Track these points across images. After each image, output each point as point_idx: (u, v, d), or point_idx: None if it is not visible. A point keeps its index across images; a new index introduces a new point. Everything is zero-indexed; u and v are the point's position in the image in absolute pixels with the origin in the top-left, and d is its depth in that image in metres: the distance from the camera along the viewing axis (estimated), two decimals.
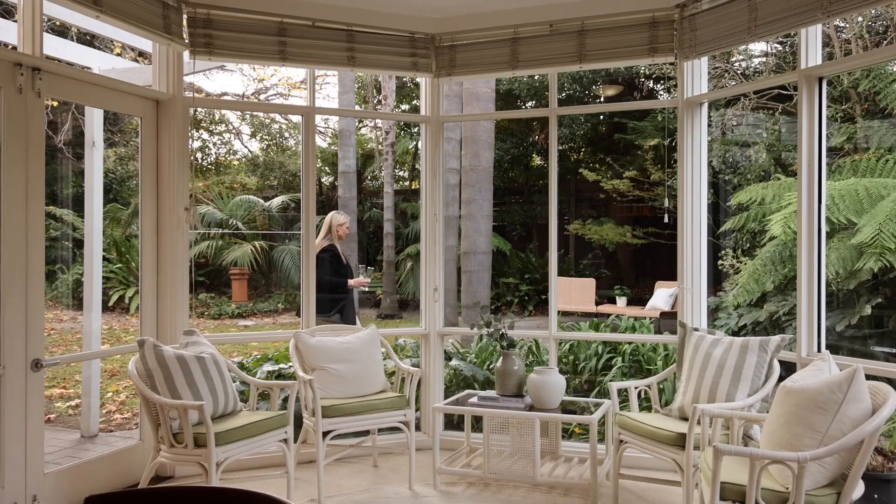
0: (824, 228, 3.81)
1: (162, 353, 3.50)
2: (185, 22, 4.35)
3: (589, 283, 12.17)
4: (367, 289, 7.99)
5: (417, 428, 5.16)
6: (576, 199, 15.83)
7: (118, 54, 6.94)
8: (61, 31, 6.54)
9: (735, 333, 8.14)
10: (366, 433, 4.69)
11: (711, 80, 8.67)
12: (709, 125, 9.52)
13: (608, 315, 11.89)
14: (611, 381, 5.38)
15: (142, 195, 4.36)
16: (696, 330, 3.99)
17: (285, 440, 3.77)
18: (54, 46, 5.49)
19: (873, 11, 8.29)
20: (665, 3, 4.42)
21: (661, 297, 10.81)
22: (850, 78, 8.05)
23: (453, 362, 5.43)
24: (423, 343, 5.14)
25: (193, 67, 4.47)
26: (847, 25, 8.45)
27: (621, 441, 3.78)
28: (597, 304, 12.09)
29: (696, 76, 4.54)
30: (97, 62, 5.44)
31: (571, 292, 12.16)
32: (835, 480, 2.69)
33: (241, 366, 5.31)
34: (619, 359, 5.50)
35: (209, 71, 15.30)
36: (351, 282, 5.84)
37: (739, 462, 2.90)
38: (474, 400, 4.28)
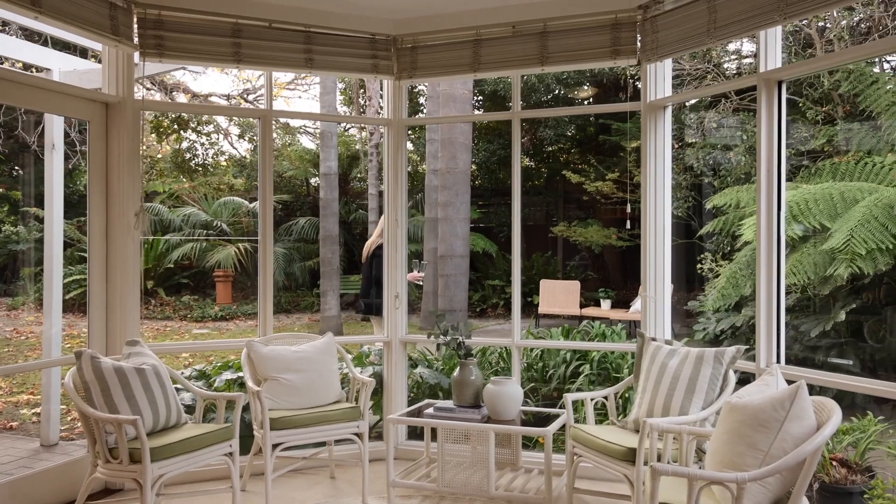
0: (784, 236, 3.72)
1: (99, 365, 3.40)
2: (135, 23, 4.25)
3: (573, 286, 12.04)
4: (420, 283, 7.99)
5: (381, 437, 5.07)
6: (564, 200, 15.74)
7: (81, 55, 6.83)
8: (28, 33, 6.44)
9: (715, 338, 8.06)
10: (323, 443, 4.59)
11: (694, 80, 8.59)
12: (689, 127, 9.48)
13: (592, 318, 11.84)
14: (578, 389, 5.28)
15: (90, 200, 4.25)
16: (653, 340, 3.89)
17: (230, 454, 3.66)
18: (13, 48, 5.40)
19: (856, 16, 8.21)
20: (627, 4, 4.32)
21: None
22: (830, 80, 7.96)
23: (418, 370, 5.33)
24: (385, 351, 5.03)
25: (143, 71, 4.36)
26: (829, 26, 8.37)
27: (575, 454, 3.68)
28: (582, 306, 11.98)
29: (660, 79, 4.45)
30: (59, 63, 5.34)
31: (556, 295, 12.04)
32: (778, 500, 2.60)
33: (203, 374, 5.20)
34: (588, 366, 5.40)
35: (193, 72, 15.23)
36: (407, 276, 5.88)
37: (682, 481, 2.80)
38: (430, 411, 4.18)
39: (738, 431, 2.63)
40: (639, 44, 4.33)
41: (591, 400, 3.89)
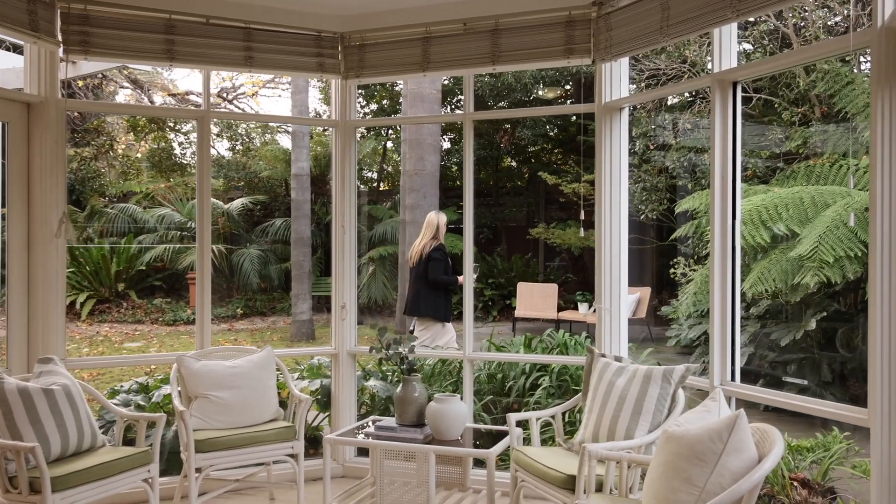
0: (738, 245, 3.51)
1: (2, 386, 3.15)
2: (58, 18, 4.00)
3: (551, 289, 11.84)
4: (473, 285, 7.99)
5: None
6: (545, 201, 15.53)
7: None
8: None
9: (687, 345, 7.86)
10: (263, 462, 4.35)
11: (670, 80, 8.38)
12: (664, 129, 9.28)
13: (570, 322, 11.63)
14: (536, 402, 5.06)
15: (9, 206, 4.00)
16: (602, 356, 3.67)
17: (148, 480, 3.43)
18: None
19: (836, 16, 8.02)
20: (581, 0, 4.10)
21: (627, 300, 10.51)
22: (806, 80, 7.77)
23: (370, 382, 5.10)
24: (333, 364, 4.80)
25: (66, 70, 4.11)
26: (804, 25, 8.18)
27: (518, 478, 3.46)
28: (561, 309, 11.78)
29: (616, 79, 4.23)
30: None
31: (534, 298, 11.84)
32: None
33: (143, 387, 4.95)
34: (548, 378, 5.18)
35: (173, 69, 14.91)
36: (460, 279, 5.76)
37: None
38: (371, 429, 3.95)
39: (673, 464, 2.41)
40: (592, 42, 4.11)
41: (537, 420, 3.67)
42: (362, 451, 4.88)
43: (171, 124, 16.73)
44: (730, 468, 2.31)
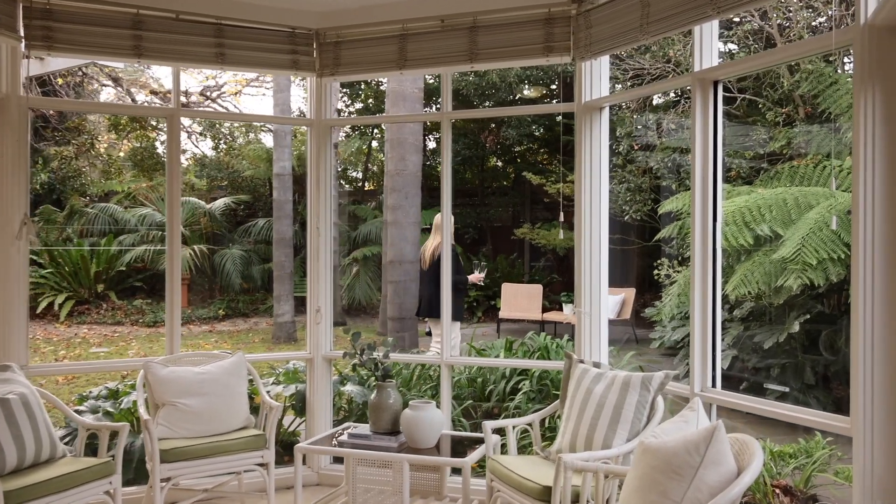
0: (720, 248, 3.43)
1: None
2: (20, 13, 3.86)
3: (536, 290, 11.76)
4: (482, 283, 7.98)
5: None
6: (531, 201, 15.45)
7: None
8: None
9: (672, 347, 7.80)
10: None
11: (654, 79, 8.32)
12: (649, 129, 9.21)
13: (554, 323, 11.56)
14: (516, 407, 4.97)
15: None
16: (581, 362, 3.58)
17: (110, 492, 3.30)
18: None
19: (821, 17, 7.98)
20: None
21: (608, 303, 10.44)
22: (790, 80, 7.73)
23: (347, 387, 4.99)
24: (308, 368, 4.69)
25: (28, 67, 3.97)
26: (789, 26, 8.13)
27: (494, 488, 3.37)
28: (546, 310, 11.71)
29: (596, 78, 4.14)
30: None
31: (518, 299, 11.76)
32: None
33: (113, 393, 4.81)
34: (528, 382, 5.09)
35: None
36: (470, 278, 5.69)
37: None
38: (344, 437, 3.84)
39: (650, 477, 2.32)
40: (571, 40, 4.02)
41: (514, 428, 3.57)
42: (339, 458, 4.77)
43: (154, 123, 16.51)
44: (707, 482, 2.22)
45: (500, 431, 3.72)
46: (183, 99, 15.99)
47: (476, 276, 6.25)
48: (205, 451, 3.61)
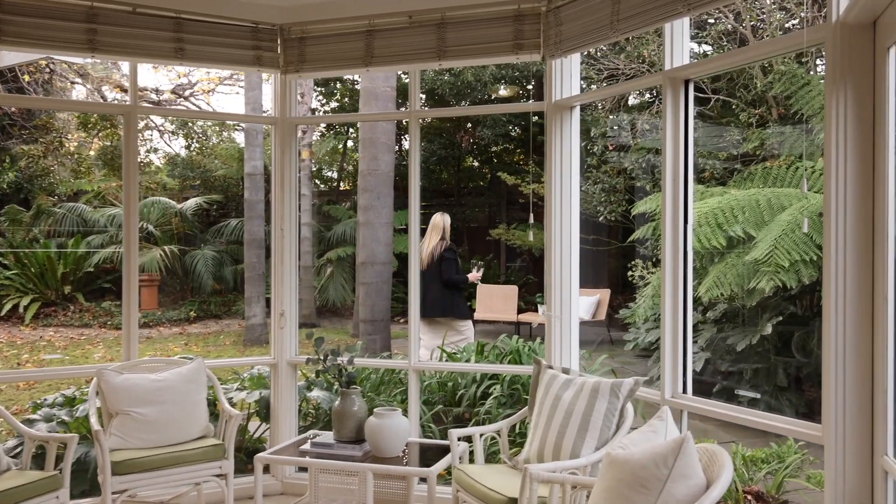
0: (691, 251, 3.35)
1: None
2: None
3: (511, 291, 11.68)
4: (479, 282, 7.90)
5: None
6: (507, 201, 15.38)
7: None
8: None
9: (646, 349, 7.75)
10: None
11: (629, 79, 8.27)
12: (623, 129, 9.18)
13: (529, 324, 11.49)
14: (486, 412, 4.87)
15: None
16: (550, 368, 3.49)
17: None
18: None
19: (794, 19, 7.99)
20: None
21: (582, 304, 10.41)
22: (763, 81, 7.72)
23: (314, 393, 4.85)
24: (272, 374, 4.55)
25: None
26: (763, 27, 8.14)
27: (459, 499, 3.26)
28: (521, 311, 11.64)
29: (567, 77, 4.05)
30: None
31: (494, 300, 11.66)
32: None
33: (69, 400, 4.63)
34: (499, 387, 4.99)
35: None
36: (470, 277, 5.66)
37: None
38: (307, 446, 3.71)
39: (616, 491, 2.23)
40: (541, 37, 3.92)
41: (481, 436, 3.47)
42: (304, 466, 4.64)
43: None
44: (675, 496, 2.13)
45: (468, 439, 3.61)
46: (154, 97, 15.77)
47: (475, 276, 6.26)
48: (159, 463, 3.46)
